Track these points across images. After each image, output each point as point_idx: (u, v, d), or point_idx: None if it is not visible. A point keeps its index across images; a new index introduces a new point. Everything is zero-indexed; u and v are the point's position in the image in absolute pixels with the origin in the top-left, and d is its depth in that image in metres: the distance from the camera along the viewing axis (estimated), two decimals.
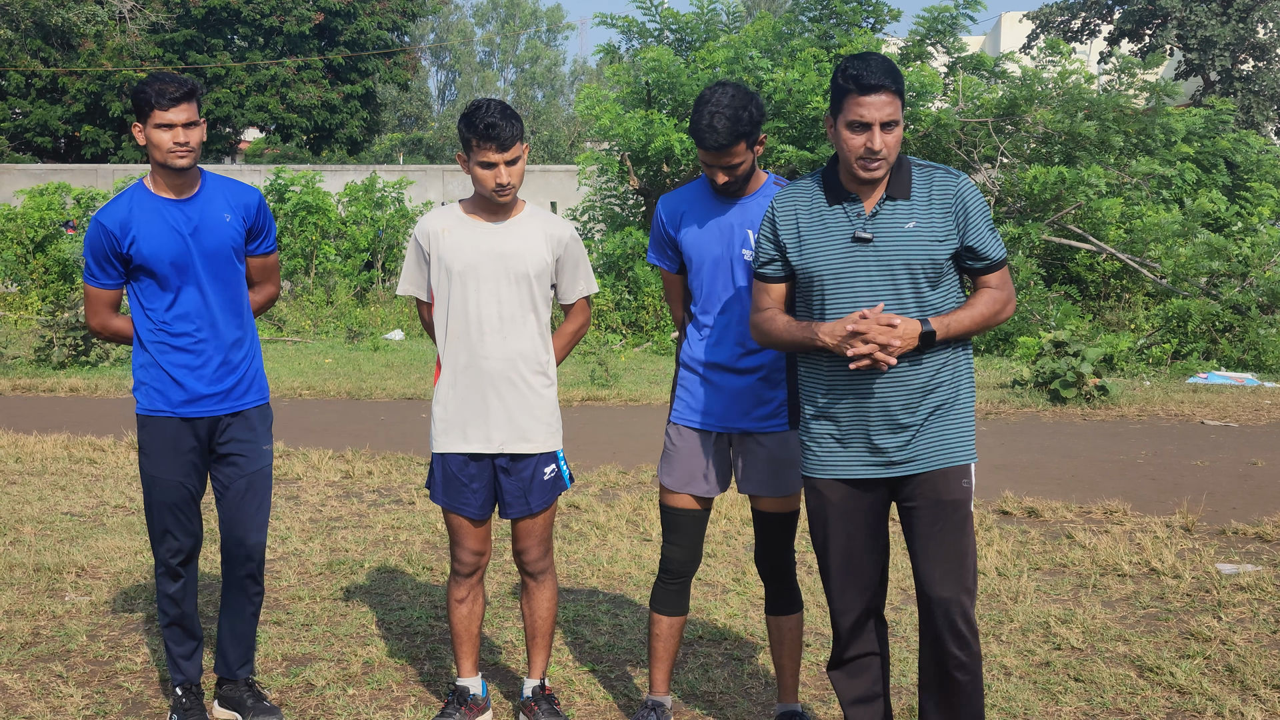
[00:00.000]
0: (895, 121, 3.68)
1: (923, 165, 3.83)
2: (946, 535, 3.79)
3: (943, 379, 3.78)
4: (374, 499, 8.28)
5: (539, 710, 4.59)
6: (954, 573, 3.78)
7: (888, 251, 3.72)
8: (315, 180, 24.02)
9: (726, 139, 4.12)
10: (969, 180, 3.81)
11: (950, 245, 3.74)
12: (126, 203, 4.46)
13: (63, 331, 15.34)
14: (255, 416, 4.63)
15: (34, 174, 28.81)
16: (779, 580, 4.50)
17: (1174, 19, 34.83)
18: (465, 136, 4.33)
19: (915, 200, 3.76)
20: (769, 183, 4.37)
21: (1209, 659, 5.23)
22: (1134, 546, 6.93)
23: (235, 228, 4.54)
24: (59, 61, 37.20)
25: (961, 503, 3.80)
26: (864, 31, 18.84)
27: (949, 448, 3.79)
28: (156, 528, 4.57)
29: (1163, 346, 15.41)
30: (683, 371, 4.45)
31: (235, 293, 4.57)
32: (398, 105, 63.72)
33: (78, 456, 9.51)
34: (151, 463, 4.53)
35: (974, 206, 3.76)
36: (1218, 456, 9.79)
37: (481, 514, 4.52)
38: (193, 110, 4.37)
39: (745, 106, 4.14)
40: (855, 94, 3.66)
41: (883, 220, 3.75)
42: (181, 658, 4.64)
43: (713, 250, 4.32)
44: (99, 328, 4.62)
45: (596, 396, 12.96)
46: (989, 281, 3.81)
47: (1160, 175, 18.56)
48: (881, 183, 3.77)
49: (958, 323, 3.73)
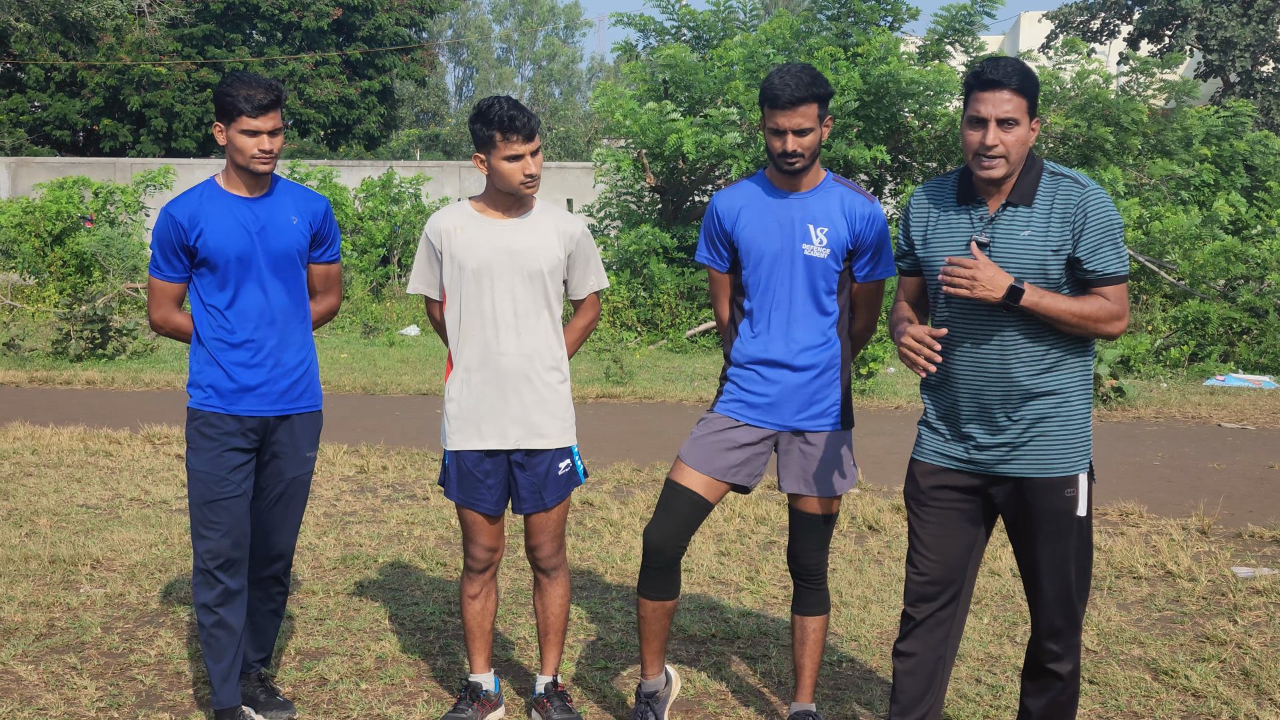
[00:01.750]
0: (1015, 120, 3.65)
1: (1055, 172, 3.77)
2: (1048, 541, 3.82)
3: (1052, 384, 3.75)
4: (388, 494, 8.30)
5: (551, 707, 4.58)
6: (1055, 576, 3.83)
7: (1002, 258, 3.71)
8: (332, 176, 24.07)
9: (801, 93, 4.10)
10: (1101, 193, 3.73)
11: (1063, 256, 3.69)
12: (197, 196, 4.49)
13: (80, 324, 15.38)
14: (306, 421, 4.63)
15: (53, 167, 28.93)
16: (811, 581, 4.45)
17: (1194, 20, 34.68)
18: (485, 134, 4.29)
19: (1036, 207, 3.71)
20: (829, 179, 4.33)
21: (1224, 662, 5.21)
22: (1150, 549, 6.90)
23: (301, 231, 4.56)
24: (78, 55, 37.34)
25: (1065, 512, 3.80)
26: (882, 30, 18.80)
27: (1059, 456, 3.78)
28: (196, 527, 4.50)
29: (1180, 349, 15.35)
30: (734, 369, 4.38)
31: (296, 295, 4.59)
32: (415, 101, 63.80)
33: (94, 449, 9.54)
34: (198, 457, 4.48)
35: (1095, 217, 3.68)
36: (1235, 459, 9.75)
37: (496, 510, 4.52)
38: (278, 117, 4.40)
39: (818, 75, 4.18)
40: (975, 89, 3.68)
41: (1002, 226, 3.73)
42: (218, 679, 4.47)
43: (772, 245, 4.27)
44: (160, 321, 4.61)
45: (611, 394, 12.96)
46: (1103, 294, 3.73)
47: (1178, 177, 18.49)
48: (1005, 186, 3.74)
49: (1054, 301, 3.65)
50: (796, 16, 19.76)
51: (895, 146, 18.16)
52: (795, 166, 4.20)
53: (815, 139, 4.18)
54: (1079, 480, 3.81)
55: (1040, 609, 3.89)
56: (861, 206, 4.28)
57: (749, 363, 4.33)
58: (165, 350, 16.33)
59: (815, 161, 4.27)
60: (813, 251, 4.24)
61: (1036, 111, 3.73)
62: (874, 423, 11.35)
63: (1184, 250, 17.26)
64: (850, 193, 4.31)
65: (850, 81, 17.17)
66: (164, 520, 7.40)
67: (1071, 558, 3.83)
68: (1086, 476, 3.83)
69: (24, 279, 21.58)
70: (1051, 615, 3.86)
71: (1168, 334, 16.02)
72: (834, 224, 4.25)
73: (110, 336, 15.55)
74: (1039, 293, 3.64)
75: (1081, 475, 3.82)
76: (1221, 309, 15.52)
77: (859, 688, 4.99)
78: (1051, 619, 3.87)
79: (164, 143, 38.23)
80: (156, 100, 37.61)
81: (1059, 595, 3.85)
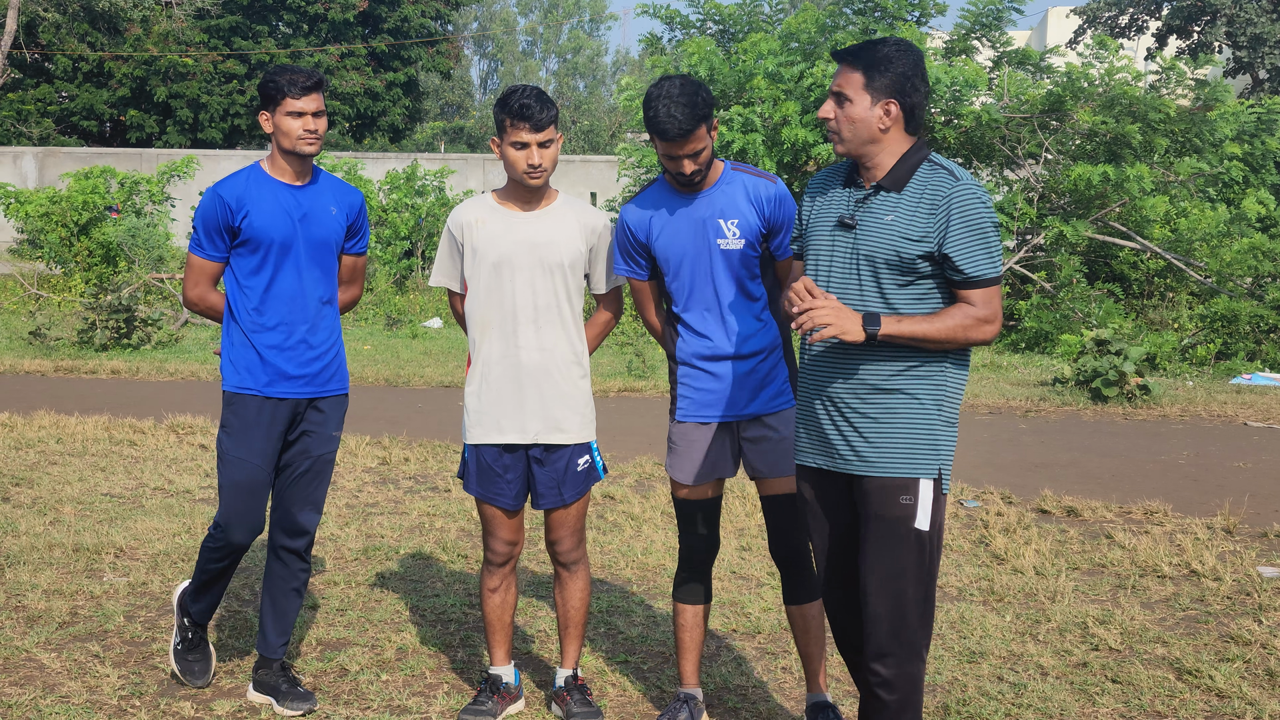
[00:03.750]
0: (847, 97, 3.64)
1: (936, 164, 3.67)
2: (881, 550, 3.64)
3: (903, 383, 3.63)
4: (410, 486, 8.31)
5: (571, 700, 4.58)
6: (885, 589, 3.64)
7: (861, 241, 3.66)
8: (357, 168, 24.12)
9: (689, 124, 4.15)
10: (972, 189, 3.61)
11: (924, 247, 3.58)
12: (244, 179, 4.62)
13: (105, 314, 15.45)
14: (334, 404, 4.76)
15: (79, 158, 29.06)
16: (796, 566, 4.47)
17: (1223, 15, 34.43)
18: (500, 118, 4.34)
19: (905, 195, 3.63)
20: (728, 169, 4.39)
21: (1249, 662, 5.17)
22: (1174, 548, 6.86)
23: (339, 222, 4.71)
24: (105, 46, 37.52)
25: (900, 520, 3.62)
26: (908, 25, 18.70)
27: (895, 456, 3.63)
28: (224, 510, 4.64)
29: (1207, 347, 15.25)
30: (682, 369, 4.44)
31: (329, 283, 4.72)
32: (440, 94, 63.89)
33: (118, 438, 9.58)
34: (233, 440, 4.61)
35: (960, 214, 3.56)
36: (1260, 458, 9.68)
37: (515, 504, 4.52)
38: (320, 100, 4.58)
39: (697, 92, 4.18)
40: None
41: (870, 208, 3.67)
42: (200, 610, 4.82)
43: (688, 247, 4.34)
44: (196, 299, 4.72)
45: (633, 388, 12.95)
46: (968, 298, 3.60)
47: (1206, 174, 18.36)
48: (884, 172, 3.68)
49: (912, 327, 3.57)
50: (822, 10, 19.67)
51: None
52: (696, 182, 4.30)
53: (708, 150, 4.26)
54: (918, 486, 3.62)
55: (868, 625, 3.67)
56: (765, 189, 4.35)
57: (697, 361, 4.40)
58: (190, 340, 16.40)
59: (712, 163, 4.33)
60: (728, 245, 4.31)
61: (892, 94, 3.64)
62: None
63: (1211, 248, 17.12)
64: (753, 179, 4.37)
65: None
66: (187, 510, 7.43)
67: (908, 574, 3.62)
68: (933, 487, 3.64)
69: (50, 268, 21.69)
70: (879, 635, 3.64)
71: (1194, 332, 15.91)
72: (743, 214, 4.32)
73: (135, 326, 15.62)
74: (895, 321, 3.56)
75: (924, 482, 3.63)
76: (1249, 307, 15.40)
77: None
78: (879, 639, 3.64)
79: (190, 134, 38.39)
80: (183, 91, 37.76)
81: (888, 613, 3.62)
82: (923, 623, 3.67)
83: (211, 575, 4.75)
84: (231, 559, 4.73)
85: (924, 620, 3.68)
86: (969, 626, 5.56)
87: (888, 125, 3.65)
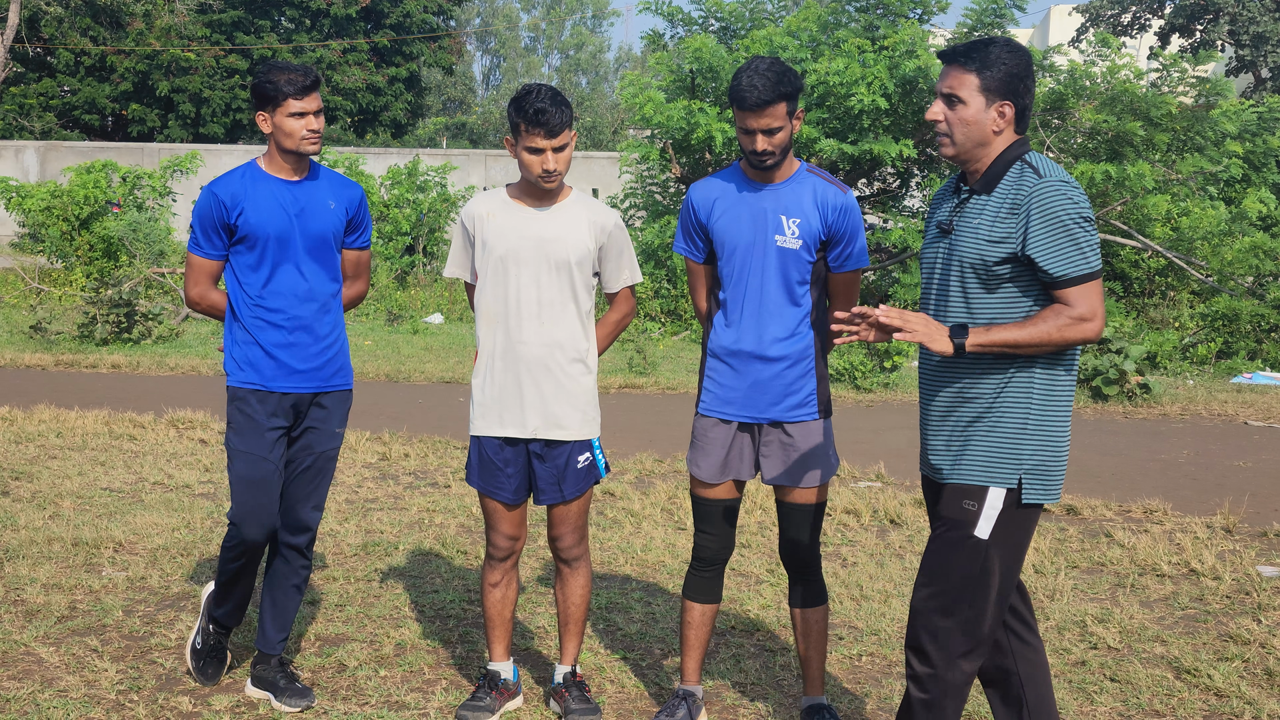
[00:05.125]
0: (960, 99, 3.54)
1: (1027, 163, 3.54)
2: (934, 545, 3.61)
3: (983, 390, 3.54)
4: (410, 481, 8.31)
5: (570, 697, 4.58)
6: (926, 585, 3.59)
7: (955, 246, 3.58)
8: (358, 163, 24.09)
9: (769, 94, 4.11)
10: (1055, 185, 3.46)
11: (1006, 249, 3.47)
12: (239, 177, 4.61)
13: (106, 308, 15.45)
14: (338, 399, 4.76)
15: (81, 151, 29.04)
16: (806, 573, 4.47)
17: (1225, 14, 34.40)
18: (514, 121, 4.31)
19: (993, 197, 3.54)
20: (802, 169, 4.35)
21: (1248, 662, 5.17)
22: (1174, 547, 6.86)
23: (338, 216, 4.70)
24: (108, 40, 37.50)
25: (958, 522, 3.55)
26: (911, 23, 18.69)
27: (969, 464, 3.57)
28: (236, 507, 4.63)
29: (1208, 346, 15.25)
30: (710, 361, 4.43)
31: (331, 277, 4.71)
32: (442, 89, 63.86)
33: (118, 433, 9.58)
34: (240, 437, 4.61)
35: (1041, 212, 3.43)
36: (1261, 457, 9.68)
37: (515, 498, 4.52)
38: (319, 98, 4.57)
39: (785, 72, 4.17)
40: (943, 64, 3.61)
41: (965, 214, 3.60)
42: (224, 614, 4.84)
43: (746, 236, 4.30)
44: (197, 298, 4.72)
45: (634, 384, 12.95)
46: (1063, 297, 3.46)
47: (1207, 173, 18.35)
48: (977, 171, 3.61)
49: (1003, 335, 3.46)
50: (824, 8, 19.66)
51: (923, 141, 18.06)
52: (767, 164, 4.24)
53: (786, 135, 4.22)
54: (985, 494, 3.53)
55: (911, 616, 3.64)
56: (834, 198, 4.30)
57: (723, 354, 4.38)
58: (190, 335, 16.40)
59: (788, 155, 4.30)
60: (785, 243, 4.27)
61: (1004, 95, 3.54)
62: (896, 416, 11.31)
63: (1213, 246, 17.12)
64: (823, 184, 4.33)
65: (878, 75, 17.09)
66: (186, 504, 7.43)
67: (953, 577, 3.54)
68: (1006, 496, 3.53)
69: (51, 262, 21.69)
70: (914, 627, 3.60)
71: (1195, 330, 15.91)
72: (806, 215, 4.28)
73: (136, 321, 15.63)
74: (983, 332, 3.47)
75: (994, 490, 3.53)
76: (1250, 306, 15.40)
77: (878, 681, 4.97)
78: (913, 631, 3.60)
79: (192, 128, 38.38)
80: (185, 86, 37.75)
81: (923, 609, 3.57)
82: (965, 631, 3.54)
83: (230, 575, 4.75)
84: (249, 557, 4.71)
85: (967, 629, 3.55)
86: None
87: (1001, 127, 3.57)
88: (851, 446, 9.44)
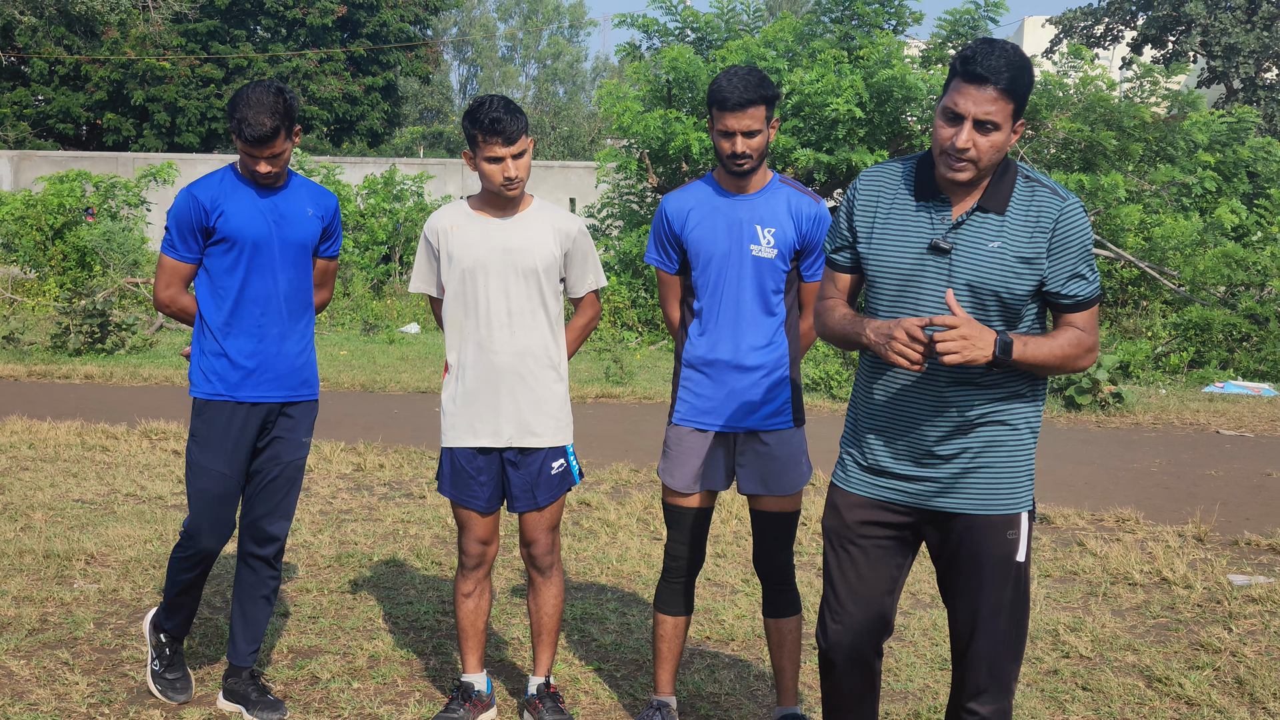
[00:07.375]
0: (996, 125, 3.22)
1: (1030, 178, 3.36)
2: (983, 589, 3.42)
3: (1002, 412, 3.38)
4: (384, 492, 8.29)
5: (543, 708, 4.58)
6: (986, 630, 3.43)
7: (963, 269, 3.31)
8: (335, 172, 24.05)
9: (750, 94, 4.15)
10: (1078, 207, 3.33)
11: (1035, 277, 3.30)
12: (219, 181, 4.59)
13: (79, 318, 15.37)
14: (305, 409, 4.74)
15: (55, 161, 28.92)
16: (779, 582, 4.49)
17: (1198, 25, 34.68)
18: (471, 133, 4.35)
19: (1009, 217, 3.31)
20: (775, 180, 4.38)
21: (1218, 670, 5.20)
22: (1145, 555, 6.89)
23: (316, 225, 4.68)
24: (82, 49, 37.33)
25: (1005, 557, 3.40)
26: (885, 34, 18.78)
27: (999, 492, 3.40)
28: (192, 519, 4.62)
29: (1180, 355, 15.34)
30: (685, 370, 4.45)
31: (304, 286, 4.68)
32: (419, 99, 63.77)
33: (90, 444, 9.53)
34: (202, 449, 4.58)
35: (1074, 237, 3.30)
36: (1232, 466, 9.74)
37: (488, 507, 4.52)
38: (281, 142, 4.46)
39: (765, 77, 4.22)
40: (960, 79, 3.23)
41: (966, 232, 3.32)
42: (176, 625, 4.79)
43: (721, 246, 4.32)
44: (168, 300, 4.67)
45: (610, 394, 12.95)
46: (1075, 321, 3.35)
47: (1180, 183, 18.49)
48: (976, 189, 3.34)
49: (1037, 347, 3.28)
50: (800, 19, 19.73)
51: (897, 151, 18.13)
52: (744, 168, 4.26)
53: (763, 140, 4.25)
54: (1021, 520, 3.42)
55: (966, 666, 3.46)
56: (808, 207, 4.33)
57: (699, 364, 4.39)
58: (164, 345, 16.32)
59: (763, 163, 4.33)
60: (760, 252, 4.30)
61: (1023, 114, 3.32)
62: None
63: (1185, 256, 17.23)
64: (797, 194, 4.36)
65: (853, 85, 17.16)
66: (159, 516, 7.39)
67: (1004, 610, 3.41)
68: (1028, 517, 3.45)
69: (24, 272, 21.57)
70: (978, 674, 3.43)
71: (1167, 340, 16.00)
72: (781, 225, 4.31)
73: (109, 331, 15.54)
74: (1024, 341, 3.26)
75: (1024, 515, 3.43)
76: (1222, 315, 15.51)
77: None
78: (977, 679, 3.44)
79: (167, 137, 38.24)
80: (160, 95, 37.62)
81: (989, 653, 3.42)
82: (1015, 657, 3.48)
83: (182, 586, 4.71)
84: (203, 567, 4.69)
85: (1017, 655, 3.48)
86: (941, 634, 5.56)
87: (1012, 146, 3.47)
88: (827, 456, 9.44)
